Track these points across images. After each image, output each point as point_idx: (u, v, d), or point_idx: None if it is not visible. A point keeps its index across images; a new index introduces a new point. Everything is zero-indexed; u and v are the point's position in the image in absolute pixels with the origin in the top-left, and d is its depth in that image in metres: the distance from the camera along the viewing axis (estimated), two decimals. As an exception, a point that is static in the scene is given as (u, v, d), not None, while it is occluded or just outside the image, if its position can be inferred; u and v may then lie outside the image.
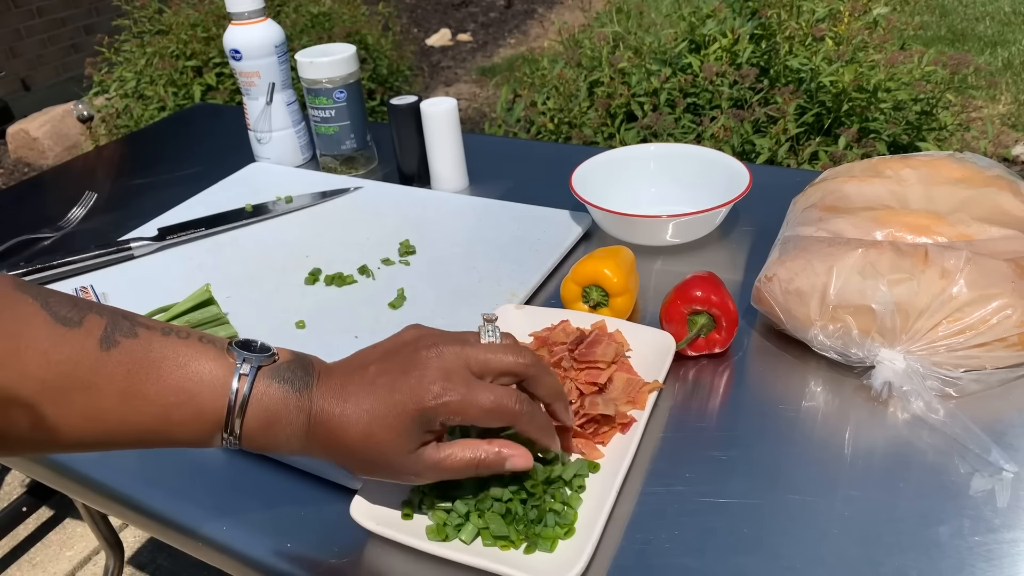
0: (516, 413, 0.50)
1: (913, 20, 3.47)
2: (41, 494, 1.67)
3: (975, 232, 0.65)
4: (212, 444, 0.48)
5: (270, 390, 0.47)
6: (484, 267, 0.84)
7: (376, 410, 0.48)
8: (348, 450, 0.49)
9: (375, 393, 0.49)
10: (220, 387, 0.46)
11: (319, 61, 1.02)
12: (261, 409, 0.47)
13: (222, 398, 0.46)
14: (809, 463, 0.58)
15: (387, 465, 0.49)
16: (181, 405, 0.45)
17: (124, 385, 0.44)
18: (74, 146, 3.47)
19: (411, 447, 0.49)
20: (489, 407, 0.49)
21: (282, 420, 0.48)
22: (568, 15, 4.69)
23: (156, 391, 0.45)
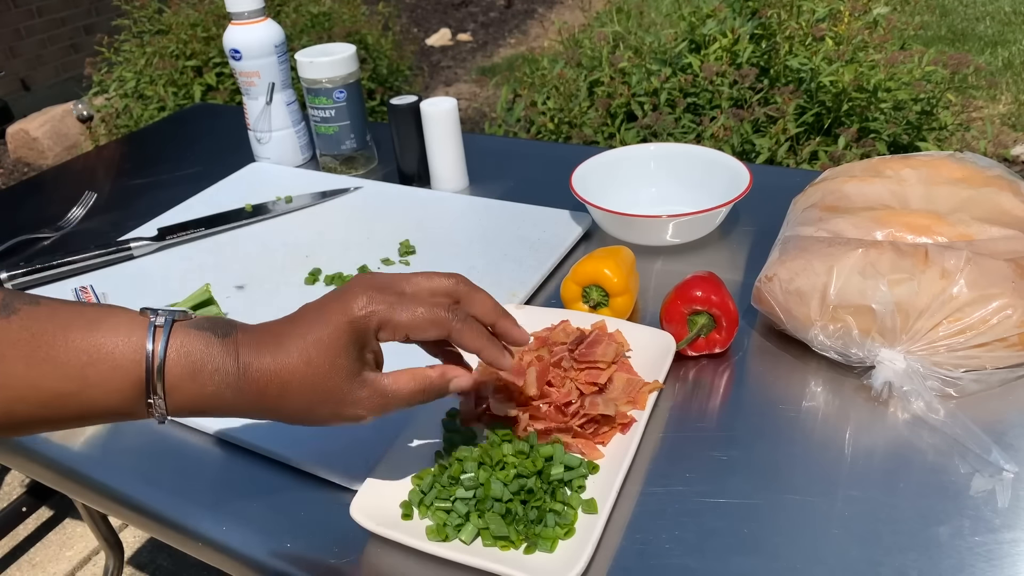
0: (447, 320, 0.48)
1: (913, 20, 3.47)
2: (41, 494, 1.67)
3: (975, 232, 0.65)
4: (136, 412, 0.45)
5: (189, 337, 0.45)
6: (484, 267, 0.84)
7: (308, 334, 0.46)
8: (286, 388, 0.46)
9: (304, 320, 0.48)
10: (136, 340, 0.44)
11: (319, 61, 1.02)
12: (183, 356, 0.45)
13: (139, 351, 0.43)
14: (809, 463, 0.58)
15: (330, 395, 0.47)
16: (95, 363, 0.43)
17: (29, 349, 0.42)
18: (74, 146, 3.47)
19: (352, 368, 0.47)
20: (420, 314, 0.48)
21: (207, 366, 0.45)
22: (568, 15, 4.69)
23: (66, 352, 0.43)
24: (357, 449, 0.61)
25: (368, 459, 0.60)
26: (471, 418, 0.62)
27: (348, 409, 0.48)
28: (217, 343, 0.46)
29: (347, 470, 0.59)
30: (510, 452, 0.57)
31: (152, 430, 0.68)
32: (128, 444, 0.67)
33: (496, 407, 0.61)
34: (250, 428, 0.65)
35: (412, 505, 0.55)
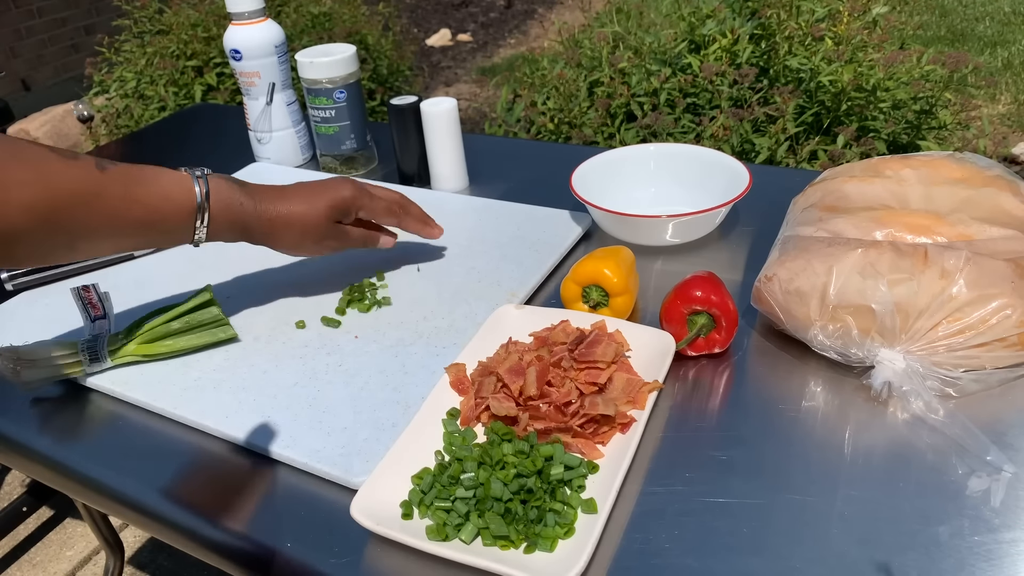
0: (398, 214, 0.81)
1: (912, 20, 3.47)
2: (41, 494, 1.67)
3: (975, 232, 0.65)
4: (185, 234, 0.68)
5: (222, 183, 0.69)
6: (484, 267, 0.84)
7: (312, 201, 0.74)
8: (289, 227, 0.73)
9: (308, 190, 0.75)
10: (187, 185, 0.66)
11: (319, 61, 1.02)
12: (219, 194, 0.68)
13: (191, 191, 0.66)
14: (809, 463, 0.58)
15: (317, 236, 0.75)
16: (166, 198, 0.65)
17: (122, 191, 0.62)
18: (74, 146, 3.47)
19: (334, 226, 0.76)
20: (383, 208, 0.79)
21: (235, 202, 0.70)
22: (568, 15, 4.69)
23: (145, 193, 0.63)
24: (357, 449, 0.61)
25: (368, 459, 0.60)
26: (471, 418, 0.62)
27: (325, 243, 0.77)
28: (238, 188, 0.71)
29: (347, 470, 0.60)
30: (510, 452, 0.57)
31: (152, 430, 0.68)
32: (128, 444, 0.67)
33: (496, 407, 0.61)
34: (250, 429, 0.65)
35: (412, 505, 0.55)
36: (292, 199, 0.74)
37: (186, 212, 0.66)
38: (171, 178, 0.66)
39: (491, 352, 0.69)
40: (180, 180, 0.66)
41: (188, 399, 0.69)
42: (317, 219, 0.74)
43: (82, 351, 0.71)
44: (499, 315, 0.72)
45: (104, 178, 0.60)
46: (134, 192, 0.62)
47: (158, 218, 0.65)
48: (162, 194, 0.64)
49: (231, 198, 0.69)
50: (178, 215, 0.66)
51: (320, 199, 0.74)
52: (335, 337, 0.75)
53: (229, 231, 0.70)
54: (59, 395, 0.73)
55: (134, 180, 0.63)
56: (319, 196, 0.74)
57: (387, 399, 0.66)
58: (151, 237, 0.66)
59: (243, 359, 0.73)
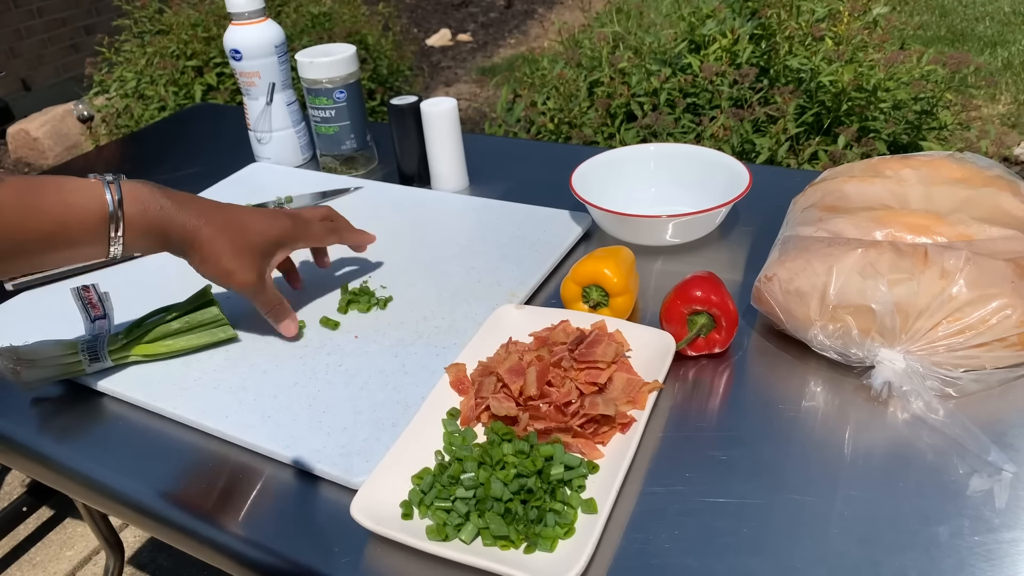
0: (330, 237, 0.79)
1: (913, 20, 3.47)
2: (41, 494, 1.67)
3: (975, 232, 0.65)
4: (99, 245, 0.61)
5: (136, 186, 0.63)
6: (484, 267, 0.84)
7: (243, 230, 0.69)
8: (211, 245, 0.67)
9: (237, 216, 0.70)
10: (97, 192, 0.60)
11: (319, 61, 1.02)
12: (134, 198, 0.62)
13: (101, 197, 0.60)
14: (809, 463, 0.58)
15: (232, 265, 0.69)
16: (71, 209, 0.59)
17: (17, 201, 0.57)
18: (74, 146, 3.47)
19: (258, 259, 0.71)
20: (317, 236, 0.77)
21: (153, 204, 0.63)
22: (568, 15, 4.69)
23: (47, 203, 0.58)
24: (357, 449, 0.61)
25: (368, 459, 0.60)
26: (471, 418, 0.62)
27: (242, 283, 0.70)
28: (158, 191, 0.65)
29: (347, 470, 0.60)
30: (510, 452, 0.57)
31: (152, 430, 0.68)
32: (128, 444, 0.67)
33: (496, 407, 0.61)
34: (250, 429, 0.65)
35: (412, 505, 0.55)
36: (226, 212, 0.69)
37: (96, 220, 0.60)
38: (76, 185, 0.61)
39: (491, 352, 0.69)
40: (87, 187, 0.61)
41: (188, 399, 0.69)
42: (241, 249, 0.69)
43: (82, 351, 0.71)
44: (499, 315, 0.72)
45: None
46: (30, 202, 0.57)
47: (64, 229, 0.59)
48: (64, 202, 0.59)
49: (150, 202, 0.63)
50: (87, 224, 0.60)
51: (252, 224, 0.70)
52: (335, 337, 0.75)
53: (147, 238, 0.64)
54: (59, 395, 0.73)
55: (32, 190, 0.58)
56: (257, 217, 0.71)
57: (387, 399, 0.66)
58: (58, 251, 0.60)
59: (243, 359, 0.73)
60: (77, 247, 0.61)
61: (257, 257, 0.70)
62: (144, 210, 0.63)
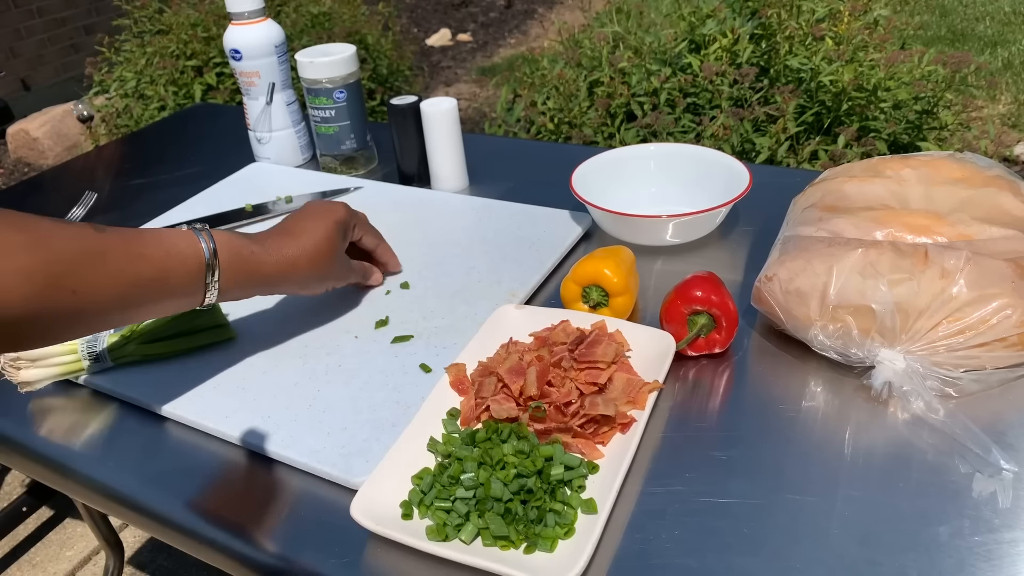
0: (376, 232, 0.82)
1: (913, 20, 3.47)
2: (41, 494, 1.67)
3: (975, 232, 0.65)
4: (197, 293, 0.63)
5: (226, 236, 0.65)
6: (484, 267, 0.84)
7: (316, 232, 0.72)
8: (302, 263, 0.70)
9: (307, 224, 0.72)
10: (192, 241, 0.62)
11: (319, 61, 1.02)
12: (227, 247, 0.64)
13: (196, 246, 0.62)
14: (809, 463, 0.58)
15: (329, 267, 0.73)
16: (171, 256, 0.60)
17: (125, 250, 0.57)
18: (74, 146, 3.47)
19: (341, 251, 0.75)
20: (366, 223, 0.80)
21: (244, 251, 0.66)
22: (568, 15, 4.69)
23: (149, 251, 0.59)
24: (357, 449, 0.61)
25: (368, 459, 0.60)
26: (471, 418, 0.62)
27: (339, 274, 0.75)
28: (244, 238, 0.67)
29: (347, 470, 0.60)
30: (510, 452, 0.57)
31: (152, 430, 0.68)
32: (128, 444, 0.67)
33: (496, 410, 0.61)
34: (250, 429, 0.65)
35: (412, 505, 0.55)
36: (299, 233, 0.71)
37: (194, 267, 0.62)
38: (174, 234, 0.62)
39: (491, 352, 0.69)
40: (184, 235, 0.62)
41: (188, 399, 0.69)
42: (331, 242, 0.72)
43: (82, 351, 0.71)
44: (499, 315, 0.72)
45: (104, 237, 0.57)
46: (137, 248, 0.58)
47: (165, 275, 0.60)
48: (167, 248, 0.60)
49: (240, 249, 0.65)
50: (186, 270, 0.61)
51: (324, 221, 0.73)
52: (335, 337, 0.75)
53: (242, 284, 0.66)
54: (59, 395, 0.73)
55: (135, 238, 0.59)
56: (321, 219, 0.73)
57: (387, 399, 0.66)
58: (161, 298, 0.61)
59: (243, 359, 0.73)
60: (177, 294, 0.61)
61: (341, 253, 0.75)
62: (237, 255, 0.65)
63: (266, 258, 0.67)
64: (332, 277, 0.74)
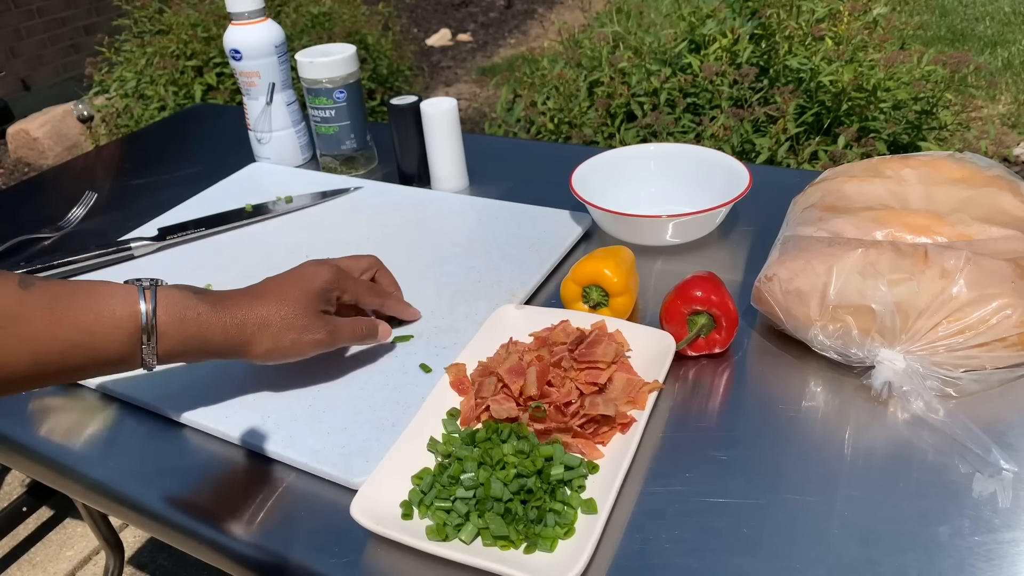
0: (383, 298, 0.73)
1: (913, 20, 3.47)
2: (41, 494, 1.67)
3: (975, 232, 0.65)
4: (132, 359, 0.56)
5: (172, 293, 0.58)
6: (484, 267, 0.84)
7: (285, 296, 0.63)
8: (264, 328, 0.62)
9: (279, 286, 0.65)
10: (131, 299, 0.56)
11: (319, 61, 1.02)
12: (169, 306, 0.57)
13: (133, 305, 0.56)
14: (809, 463, 0.58)
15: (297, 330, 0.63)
16: (101, 319, 0.54)
17: (47, 311, 0.52)
18: (74, 146, 3.47)
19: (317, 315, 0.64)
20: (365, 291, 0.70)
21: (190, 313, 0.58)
22: (568, 15, 4.69)
23: (77, 311, 0.54)
24: (357, 449, 0.61)
25: (368, 459, 0.60)
26: (471, 418, 0.62)
27: (309, 339, 0.64)
28: (195, 296, 0.59)
29: (347, 470, 0.60)
30: (510, 452, 0.57)
31: (152, 430, 0.68)
32: (128, 444, 0.67)
33: (497, 410, 0.61)
34: (250, 429, 0.65)
35: (412, 505, 0.55)
36: (262, 296, 0.63)
37: (129, 331, 0.55)
38: (109, 291, 0.55)
39: (491, 352, 0.69)
40: (123, 294, 0.56)
41: (188, 399, 0.69)
42: (296, 311, 0.63)
43: (82, 351, 0.71)
44: (499, 315, 0.72)
45: (26, 296, 0.52)
46: (62, 310, 0.53)
47: (93, 340, 0.54)
48: (97, 310, 0.54)
49: (185, 311, 0.58)
50: (118, 335, 0.55)
51: (294, 287, 0.64)
52: (335, 337, 0.75)
53: (188, 350, 0.59)
54: (59, 395, 0.73)
55: (64, 297, 0.54)
56: (292, 285, 0.64)
57: (387, 399, 0.66)
58: (88, 365, 0.55)
59: (243, 359, 0.73)
60: (105, 363, 0.56)
61: (312, 321, 0.64)
62: (180, 319, 0.57)
63: (215, 321, 0.59)
64: (308, 345, 0.64)
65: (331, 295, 0.66)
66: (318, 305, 0.64)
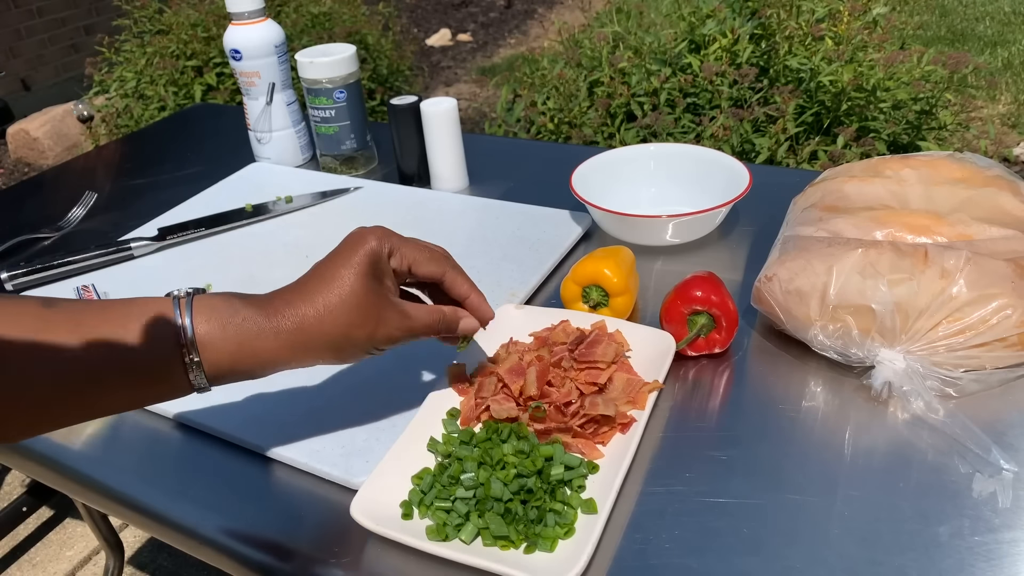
0: (444, 260, 0.59)
1: (913, 20, 3.47)
2: (41, 494, 1.67)
3: (975, 232, 0.65)
4: (177, 379, 0.49)
5: (211, 300, 0.51)
6: (484, 267, 0.84)
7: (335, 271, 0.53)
8: (324, 317, 0.52)
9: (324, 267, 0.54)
10: (165, 310, 0.49)
11: (319, 61, 1.02)
12: (208, 314, 0.50)
13: (169, 315, 0.49)
14: (809, 463, 0.58)
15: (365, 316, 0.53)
16: (130, 332, 0.47)
17: (73, 325, 0.46)
18: (74, 146, 3.47)
19: (379, 289, 0.54)
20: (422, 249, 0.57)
21: (234, 319, 0.50)
22: (568, 15, 4.69)
23: (107, 327, 0.47)
24: (357, 449, 0.61)
25: (368, 459, 0.60)
26: (471, 418, 0.62)
27: (380, 330, 0.54)
28: (238, 300, 0.52)
29: (347, 470, 0.60)
30: (510, 452, 0.57)
31: (152, 430, 0.68)
32: (128, 444, 0.67)
33: (497, 410, 0.61)
34: (251, 429, 0.65)
35: (412, 505, 0.55)
36: (313, 287, 0.53)
37: (165, 346, 0.48)
38: (142, 304, 0.49)
39: (491, 352, 0.69)
40: (156, 305, 0.49)
41: (188, 399, 0.68)
42: (354, 287, 0.53)
43: (82, 351, 0.71)
44: (499, 315, 0.72)
45: (47, 311, 0.46)
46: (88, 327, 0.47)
47: (120, 357, 0.47)
48: (125, 325, 0.48)
49: (229, 317, 0.50)
50: (151, 351, 0.48)
51: (343, 261, 0.54)
52: (335, 337, 0.75)
53: (242, 365, 0.51)
54: (59, 395, 0.73)
55: (91, 312, 0.48)
56: (340, 259, 0.54)
57: (387, 399, 0.66)
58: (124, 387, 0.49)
59: (243, 359, 0.73)
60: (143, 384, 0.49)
61: (376, 299, 0.54)
62: (222, 327, 0.50)
63: (266, 327, 0.51)
64: (370, 337, 0.54)
65: (381, 256, 0.55)
66: (370, 270, 0.53)
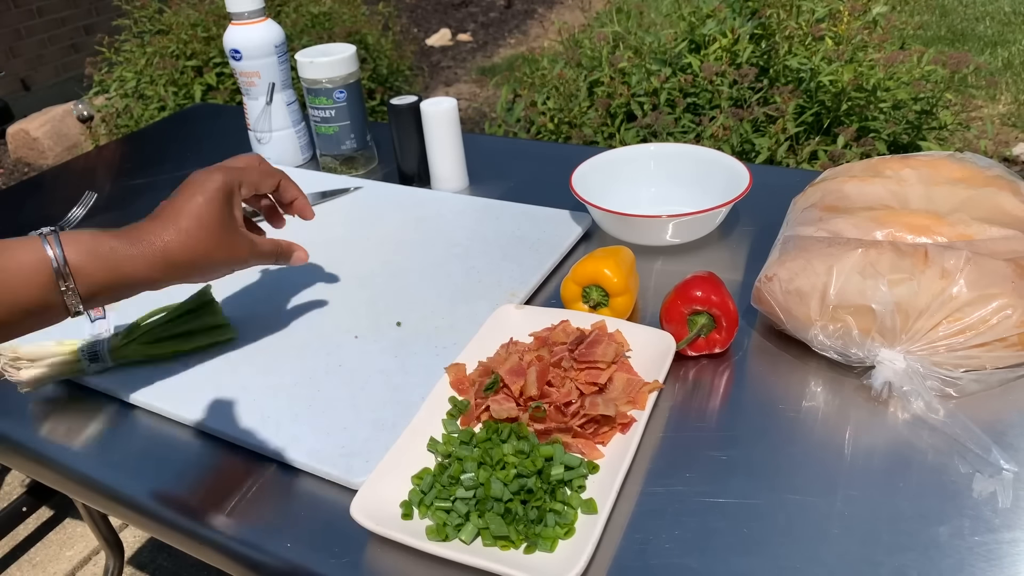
0: (278, 173, 0.72)
1: (913, 20, 3.47)
2: (41, 494, 1.67)
3: (975, 232, 0.65)
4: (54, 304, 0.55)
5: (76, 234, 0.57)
6: (484, 267, 0.84)
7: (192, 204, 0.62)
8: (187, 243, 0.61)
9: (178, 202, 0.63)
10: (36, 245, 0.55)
11: (319, 61, 1.02)
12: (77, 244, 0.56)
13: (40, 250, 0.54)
14: (809, 463, 0.58)
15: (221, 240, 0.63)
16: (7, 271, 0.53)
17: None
18: (74, 146, 3.47)
19: (231, 220, 0.65)
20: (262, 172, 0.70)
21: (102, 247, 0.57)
22: (568, 15, 4.69)
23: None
24: (357, 449, 0.61)
25: (368, 459, 0.60)
26: (471, 418, 0.62)
27: (235, 253, 0.65)
28: (103, 234, 0.58)
29: (347, 470, 0.60)
30: (510, 452, 0.57)
31: (152, 430, 0.68)
32: (128, 444, 0.67)
33: (496, 410, 0.61)
34: (250, 429, 0.65)
35: (412, 505, 0.55)
36: (169, 215, 0.62)
37: (44, 278, 0.54)
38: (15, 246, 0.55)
39: (491, 352, 0.69)
40: (27, 244, 0.55)
41: (188, 399, 0.69)
42: (211, 216, 0.62)
43: (82, 351, 0.71)
44: (499, 315, 0.72)
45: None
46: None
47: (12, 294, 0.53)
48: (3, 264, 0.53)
49: (96, 247, 0.57)
50: (36, 283, 0.54)
51: (198, 194, 0.63)
52: (335, 337, 0.75)
53: (110, 286, 0.58)
54: (59, 395, 0.73)
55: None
56: (195, 192, 0.63)
57: (387, 399, 0.66)
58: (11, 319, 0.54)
59: (243, 359, 0.73)
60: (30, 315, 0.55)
61: (229, 224, 0.64)
62: (93, 255, 0.57)
63: (130, 251, 0.59)
64: (226, 259, 0.65)
65: (234, 189, 0.66)
66: (225, 203, 0.64)
